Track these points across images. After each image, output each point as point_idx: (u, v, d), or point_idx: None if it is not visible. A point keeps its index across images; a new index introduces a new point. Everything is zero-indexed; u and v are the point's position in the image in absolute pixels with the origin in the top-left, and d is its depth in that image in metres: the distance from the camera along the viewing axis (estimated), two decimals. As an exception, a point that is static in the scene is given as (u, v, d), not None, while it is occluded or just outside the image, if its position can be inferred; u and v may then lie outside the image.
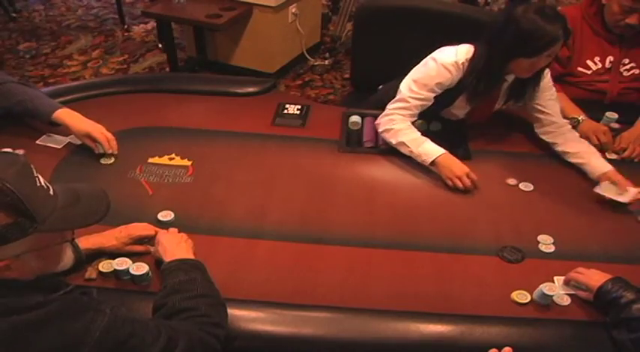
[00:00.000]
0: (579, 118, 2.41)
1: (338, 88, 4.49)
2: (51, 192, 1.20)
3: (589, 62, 2.58)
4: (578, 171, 2.22)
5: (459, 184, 2.09)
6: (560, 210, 2.04)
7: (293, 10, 4.39)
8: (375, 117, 2.42)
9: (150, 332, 1.27)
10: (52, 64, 4.82)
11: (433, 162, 2.15)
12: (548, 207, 2.05)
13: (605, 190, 2.05)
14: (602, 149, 2.34)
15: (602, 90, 2.61)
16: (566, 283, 1.69)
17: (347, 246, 1.83)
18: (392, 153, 2.28)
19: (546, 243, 1.87)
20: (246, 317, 1.57)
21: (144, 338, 1.25)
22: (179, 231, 1.74)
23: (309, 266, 1.76)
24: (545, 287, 1.63)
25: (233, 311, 1.54)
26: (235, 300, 1.57)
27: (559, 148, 2.27)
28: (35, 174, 1.17)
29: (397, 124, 2.21)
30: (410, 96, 2.19)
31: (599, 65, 2.58)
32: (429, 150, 2.16)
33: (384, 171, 2.22)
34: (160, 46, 5.00)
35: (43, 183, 1.18)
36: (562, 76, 2.62)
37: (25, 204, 1.10)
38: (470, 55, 2.13)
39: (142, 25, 5.50)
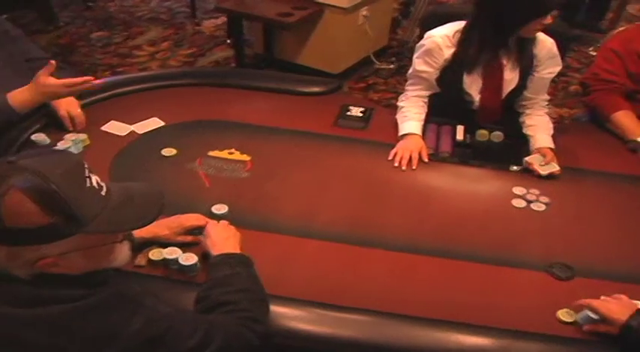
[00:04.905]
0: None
1: (401, 93, 4.43)
2: (103, 192, 1.17)
3: (662, 78, 2.48)
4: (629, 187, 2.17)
5: (392, 156, 2.23)
6: (615, 227, 1.96)
7: (364, 13, 4.36)
8: (437, 124, 2.39)
9: (187, 325, 1.27)
10: (121, 53, 4.92)
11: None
12: (603, 224, 1.97)
13: (532, 159, 2.21)
14: None
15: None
16: (580, 310, 1.57)
17: (394, 251, 1.80)
18: (450, 160, 2.25)
19: None
20: (288, 315, 1.55)
21: (181, 332, 1.25)
22: (230, 224, 1.74)
23: (354, 268, 1.74)
24: (590, 311, 1.55)
25: (275, 308, 1.53)
26: (278, 297, 1.56)
27: (522, 118, 2.42)
28: (86, 174, 1.15)
29: (402, 102, 2.45)
30: (411, 73, 2.42)
31: None
32: (403, 127, 2.34)
33: (440, 179, 2.18)
34: (229, 41, 5.05)
35: (94, 183, 1.16)
36: (635, 94, 2.53)
37: (70, 206, 1.08)
38: (460, 27, 2.25)
39: (212, 20, 5.57)
